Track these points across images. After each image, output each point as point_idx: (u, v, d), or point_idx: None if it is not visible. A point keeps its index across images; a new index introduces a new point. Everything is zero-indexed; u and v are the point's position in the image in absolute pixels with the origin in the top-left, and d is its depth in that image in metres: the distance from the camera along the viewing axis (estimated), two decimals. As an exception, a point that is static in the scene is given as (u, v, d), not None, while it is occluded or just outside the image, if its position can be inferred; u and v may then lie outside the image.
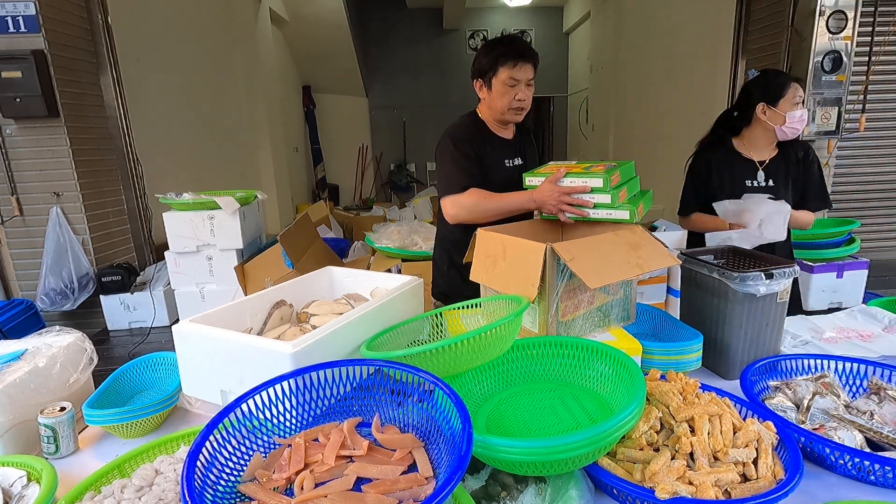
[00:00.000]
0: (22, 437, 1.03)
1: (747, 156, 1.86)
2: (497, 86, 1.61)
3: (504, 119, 1.68)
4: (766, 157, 1.86)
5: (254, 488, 0.74)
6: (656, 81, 5.43)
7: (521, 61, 1.57)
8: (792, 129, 1.79)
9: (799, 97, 1.77)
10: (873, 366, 1.10)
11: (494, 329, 0.93)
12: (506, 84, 1.59)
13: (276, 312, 1.23)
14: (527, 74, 1.60)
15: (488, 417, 0.97)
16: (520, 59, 1.57)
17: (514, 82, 1.59)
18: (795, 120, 1.77)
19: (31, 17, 2.77)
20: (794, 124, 1.78)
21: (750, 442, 0.83)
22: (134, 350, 2.90)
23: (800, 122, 1.78)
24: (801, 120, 1.78)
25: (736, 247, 1.46)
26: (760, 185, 1.84)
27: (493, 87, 1.62)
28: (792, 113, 1.76)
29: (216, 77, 5.12)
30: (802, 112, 1.77)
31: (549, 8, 8.37)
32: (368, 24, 7.97)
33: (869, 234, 3.60)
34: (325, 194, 7.97)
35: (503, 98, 1.61)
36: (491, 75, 1.61)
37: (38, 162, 2.96)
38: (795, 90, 1.77)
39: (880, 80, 3.39)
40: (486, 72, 1.62)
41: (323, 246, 3.49)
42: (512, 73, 1.58)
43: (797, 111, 1.76)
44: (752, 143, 1.87)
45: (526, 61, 1.58)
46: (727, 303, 1.22)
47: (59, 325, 1.27)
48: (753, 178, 1.84)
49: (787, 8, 3.18)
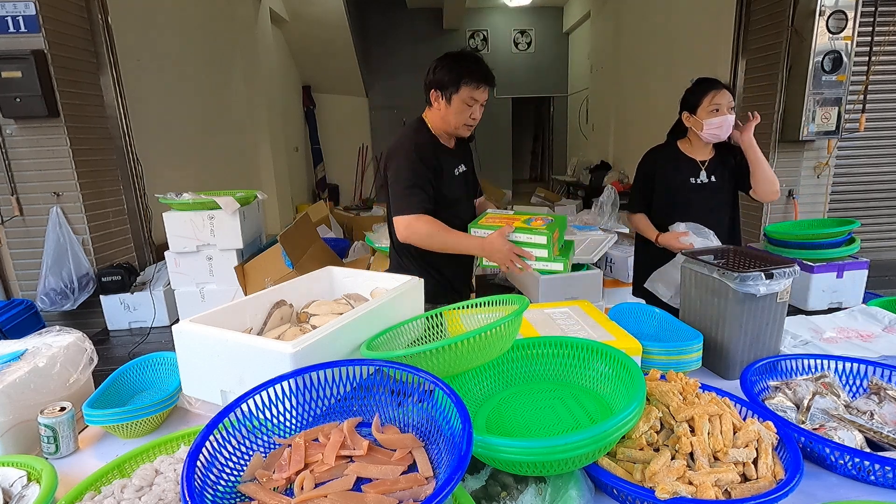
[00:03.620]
0: (22, 437, 1.03)
1: (691, 156, 2.01)
2: (456, 103, 1.62)
3: (455, 133, 1.71)
4: (707, 156, 2.00)
5: (254, 488, 0.74)
6: (656, 81, 5.43)
7: (483, 84, 1.60)
8: (711, 135, 1.91)
9: (717, 104, 1.86)
10: (873, 366, 1.10)
11: (494, 329, 0.93)
12: (465, 102, 1.61)
13: (276, 312, 1.23)
14: (485, 96, 1.63)
15: (488, 417, 0.97)
16: (483, 82, 1.60)
17: (473, 102, 1.62)
18: (713, 126, 1.88)
19: (31, 17, 2.77)
20: (712, 130, 1.89)
21: (750, 442, 0.83)
22: (134, 350, 2.90)
23: (717, 128, 1.88)
24: (718, 126, 1.88)
25: (736, 247, 1.46)
26: (703, 181, 1.98)
27: (452, 103, 1.62)
28: (709, 120, 1.88)
29: (216, 77, 5.13)
30: (723, 118, 1.86)
31: (549, 8, 8.37)
32: (368, 24, 7.97)
33: (869, 234, 3.60)
34: (325, 194, 7.98)
35: (460, 115, 1.63)
36: (452, 91, 1.61)
37: (38, 162, 2.96)
38: (712, 98, 1.87)
39: (880, 80, 3.39)
40: (446, 86, 1.62)
41: (323, 246, 3.50)
42: (473, 93, 1.60)
43: (714, 118, 1.87)
44: (693, 145, 2.01)
45: (489, 84, 1.62)
46: (727, 303, 1.22)
47: (59, 325, 1.27)
48: (696, 176, 1.98)
49: (787, 8, 3.18)
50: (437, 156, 1.69)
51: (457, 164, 1.77)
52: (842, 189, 3.62)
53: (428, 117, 1.73)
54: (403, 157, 1.63)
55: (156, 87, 4.00)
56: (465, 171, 1.80)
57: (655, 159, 2.08)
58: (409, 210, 1.61)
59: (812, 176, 3.51)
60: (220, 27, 5.14)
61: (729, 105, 1.86)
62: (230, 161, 5.40)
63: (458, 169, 1.77)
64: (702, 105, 1.90)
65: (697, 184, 1.98)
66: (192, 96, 4.62)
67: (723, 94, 1.87)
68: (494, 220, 1.59)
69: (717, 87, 1.88)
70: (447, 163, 1.72)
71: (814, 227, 2.21)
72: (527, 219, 1.53)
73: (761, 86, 3.45)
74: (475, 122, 1.66)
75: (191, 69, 4.59)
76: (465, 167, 1.79)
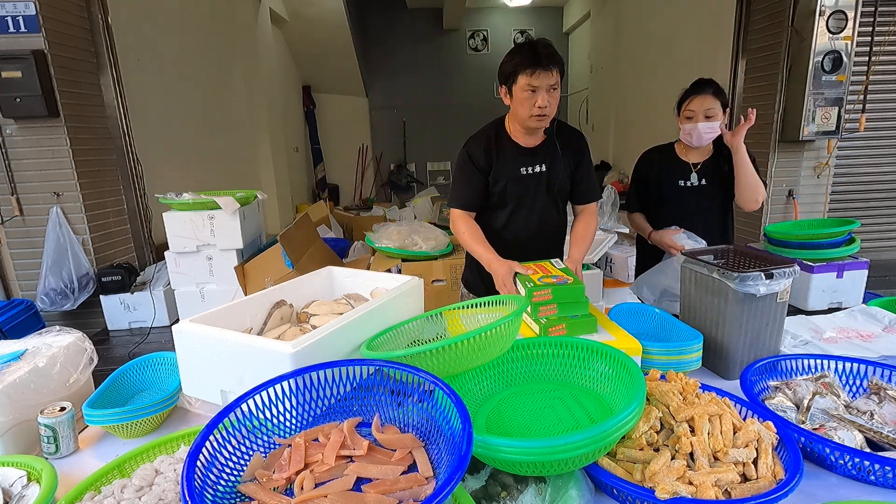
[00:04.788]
0: (22, 437, 1.03)
1: (685, 159, 2.01)
2: (517, 93, 1.59)
3: (526, 126, 1.66)
4: (701, 159, 1.99)
5: (254, 488, 0.74)
6: (656, 81, 5.43)
7: (539, 69, 1.54)
8: (685, 139, 1.93)
9: (691, 111, 1.88)
10: (873, 366, 1.10)
11: (494, 329, 0.93)
12: (525, 91, 1.57)
13: (276, 312, 1.23)
14: (547, 80, 1.56)
15: (488, 417, 0.97)
16: (538, 66, 1.54)
17: (533, 88, 1.56)
18: (684, 132, 1.93)
19: (31, 17, 2.77)
20: (684, 136, 1.93)
21: (750, 442, 0.83)
22: (134, 350, 2.89)
23: (687, 135, 1.91)
24: (688, 133, 1.90)
25: (736, 247, 1.46)
26: (693, 184, 1.98)
27: (515, 95, 1.61)
28: (682, 125, 1.93)
29: (216, 77, 5.12)
30: (692, 126, 1.87)
31: (549, 8, 8.36)
32: (368, 24, 7.96)
33: (869, 234, 3.60)
34: (325, 194, 7.97)
35: (523, 105, 1.60)
36: (512, 83, 1.60)
37: (38, 162, 2.96)
38: (689, 103, 1.89)
39: (880, 80, 3.39)
40: (507, 79, 1.61)
41: (323, 246, 3.50)
42: (530, 80, 1.55)
43: (686, 124, 1.90)
44: (687, 147, 2.00)
45: (542, 67, 1.54)
46: (727, 303, 1.22)
47: (59, 325, 1.27)
48: (687, 178, 1.99)
49: (787, 8, 3.18)
50: (498, 154, 1.70)
51: (529, 163, 1.73)
52: (842, 189, 3.61)
53: (508, 115, 1.75)
54: (461, 155, 1.75)
55: (156, 87, 3.99)
56: (542, 171, 1.73)
57: (651, 160, 2.09)
58: (450, 203, 1.77)
59: (812, 176, 3.51)
60: (220, 27, 5.13)
61: (707, 112, 1.85)
62: (230, 161, 5.39)
63: (527, 168, 1.72)
64: (681, 109, 1.93)
65: (687, 186, 1.99)
66: (192, 96, 4.62)
67: (701, 101, 1.86)
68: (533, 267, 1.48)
69: (698, 93, 1.87)
70: (511, 161, 1.71)
71: (814, 227, 2.20)
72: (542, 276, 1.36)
73: (761, 86, 3.45)
74: (543, 111, 1.59)
75: (191, 69, 4.59)
76: (543, 167, 1.73)
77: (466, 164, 1.72)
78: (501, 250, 1.65)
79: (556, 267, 1.44)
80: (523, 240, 1.77)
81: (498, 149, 1.71)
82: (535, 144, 1.74)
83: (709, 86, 1.89)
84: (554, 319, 1.24)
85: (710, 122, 1.86)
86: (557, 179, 1.75)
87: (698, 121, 1.87)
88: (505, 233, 1.78)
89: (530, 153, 1.73)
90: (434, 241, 3.20)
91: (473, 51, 8.29)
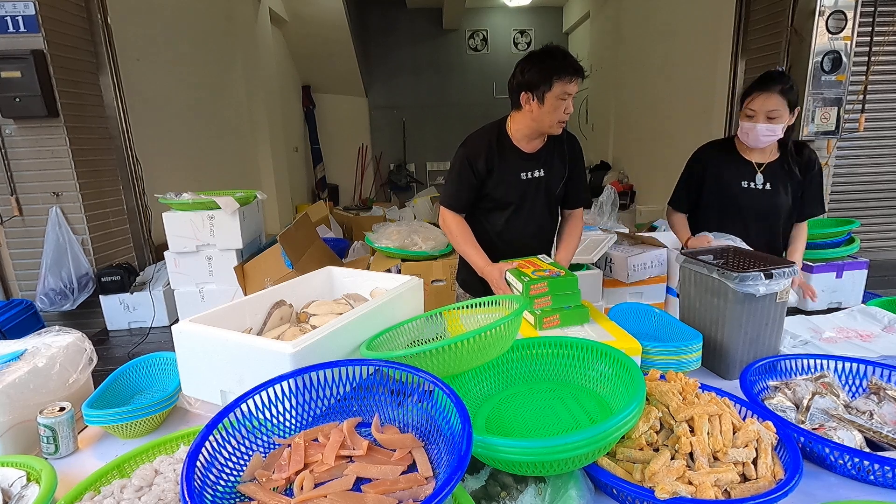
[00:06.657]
0: (21, 437, 1.03)
1: (748, 158, 1.82)
2: (549, 100, 1.58)
3: (549, 132, 1.67)
4: (766, 159, 1.81)
5: (253, 488, 0.74)
6: (656, 81, 5.43)
7: (576, 76, 1.56)
8: (743, 136, 1.77)
9: (752, 110, 1.70)
10: (873, 366, 1.10)
11: (494, 329, 0.93)
12: (559, 98, 1.58)
13: (275, 312, 1.23)
14: (576, 89, 1.60)
15: (488, 417, 0.97)
16: (575, 74, 1.56)
17: (567, 96, 1.58)
18: (742, 130, 1.75)
19: (31, 17, 2.77)
20: (742, 134, 1.76)
21: (750, 442, 0.83)
22: (134, 350, 2.90)
23: (745, 134, 1.74)
24: (745, 133, 1.74)
25: (736, 247, 1.46)
26: (757, 186, 1.79)
27: (546, 102, 1.59)
28: (742, 123, 1.74)
29: (216, 77, 5.12)
30: (751, 126, 1.70)
31: (549, 8, 8.36)
32: (368, 24, 7.96)
33: (869, 234, 3.60)
34: (324, 194, 7.97)
35: (555, 112, 1.60)
36: (545, 90, 1.58)
37: (37, 162, 2.96)
38: (751, 101, 1.70)
39: (880, 80, 3.39)
40: (537, 85, 1.59)
41: (323, 246, 3.50)
42: (566, 87, 1.56)
43: (746, 123, 1.72)
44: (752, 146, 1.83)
45: (580, 76, 1.58)
46: (727, 303, 1.22)
47: (59, 325, 1.27)
48: (752, 179, 1.79)
49: (787, 8, 3.18)
50: (497, 156, 1.70)
51: (529, 168, 1.73)
52: (841, 189, 3.61)
53: (513, 119, 1.72)
54: (457, 153, 1.75)
55: (156, 87, 3.99)
56: (541, 176, 1.74)
57: (708, 155, 1.87)
58: (443, 201, 1.78)
59: (812, 176, 3.51)
60: (219, 27, 5.13)
61: (770, 113, 1.66)
62: (230, 161, 5.40)
63: (528, 173, 1.73)
64: (743, 104, 1.73)
65: (750, 188, 1.78)
66: (191, 96, 4.62)
67: (764, 100, 1.66)
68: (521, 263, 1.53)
69: (763, 89, 1.67)
70: (510, 166, 1.71)
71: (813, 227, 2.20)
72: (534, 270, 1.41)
73: (761, 86, 3.45)
74: (568, 117, 1.63)
75: (190, 69, 4.59)
76: (542, 172, 1.74)
77: (464, 168, 1.71)
78: (498, 252, 1.67)
79: (545, 262, 1.49)
80: (519, 243, 1.78)
81: (499, 154, 1.71)
82: (536, 150, 1.74)
83: (777, 82, 1.67)
84: (548, 310, 1.29)
85: (771, 125, 1.67)
86: (556, 184, 1.77)
87: (758, 121, 1.68)
88: (502, 235, 1.79)
89: (531, 158, 1.74)
90: (434, 241, 3.21)
91: (473, 51, 8.29)
